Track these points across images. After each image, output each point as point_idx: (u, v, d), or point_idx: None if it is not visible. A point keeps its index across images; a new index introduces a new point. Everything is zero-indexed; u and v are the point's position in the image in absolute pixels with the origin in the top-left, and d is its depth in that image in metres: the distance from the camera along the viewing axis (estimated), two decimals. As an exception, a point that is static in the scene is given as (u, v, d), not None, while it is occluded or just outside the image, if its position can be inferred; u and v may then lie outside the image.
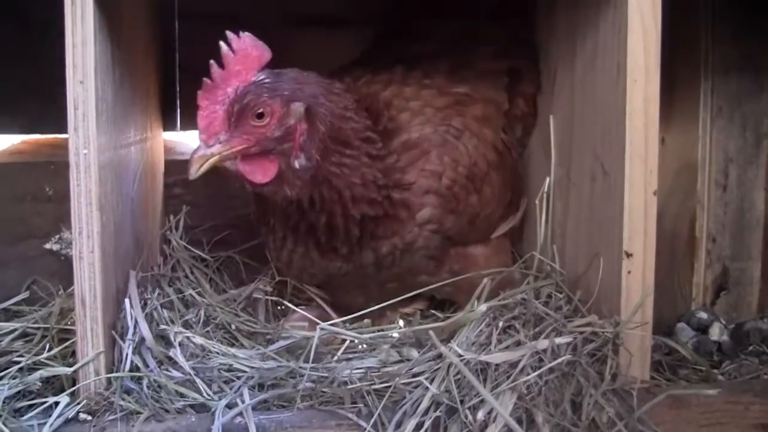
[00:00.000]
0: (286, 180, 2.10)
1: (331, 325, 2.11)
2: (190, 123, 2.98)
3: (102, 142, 1.93)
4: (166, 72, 2.91)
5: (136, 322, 2.04)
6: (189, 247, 2.62)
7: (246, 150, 2.04)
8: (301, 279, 2.45)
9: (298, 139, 2.07)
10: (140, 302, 2.13)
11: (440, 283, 2.38)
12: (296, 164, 2.08)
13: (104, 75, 1.94)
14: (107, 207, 1.98)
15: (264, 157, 2.07)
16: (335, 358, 2.16)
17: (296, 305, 2.46)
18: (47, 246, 2.74)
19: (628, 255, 1.97)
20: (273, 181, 2.09)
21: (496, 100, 2.52)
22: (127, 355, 1.99)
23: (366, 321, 2.35)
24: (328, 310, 2.47)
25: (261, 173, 2.08)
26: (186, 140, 3.09)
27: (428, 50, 2.56)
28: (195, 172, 2.01)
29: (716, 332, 2.54)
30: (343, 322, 2.22)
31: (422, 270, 2.39)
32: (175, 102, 2.99)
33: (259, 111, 2.03)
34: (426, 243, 2.30)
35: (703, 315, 2.60)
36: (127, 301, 2.08)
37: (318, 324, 2.03)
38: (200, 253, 2.62)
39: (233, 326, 2.32)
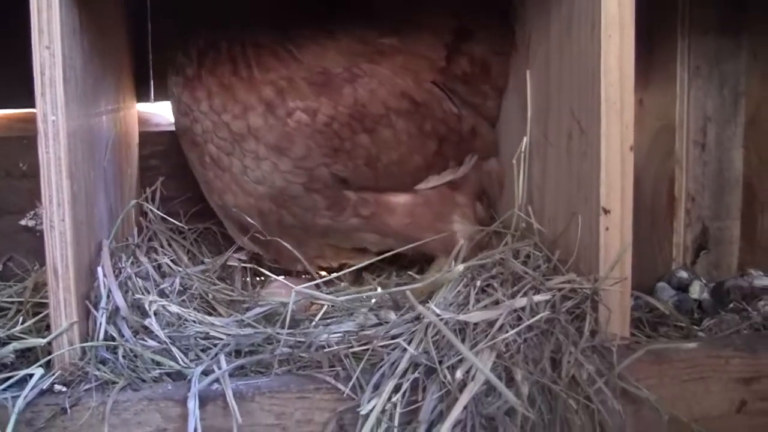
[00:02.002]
0: None
1: (306, 288, 2.10)
2: (163, 94, 2.96)
3: (72, 110, 1.90)
4: (138, 42, 2.88)
5: (110, 290, 2.02)
6: (166, 217, 2.60)
7: None
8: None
9: None
10: (114, 272, 2.10)
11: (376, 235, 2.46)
12: None
13: (71, 40, 1.91)
14: (78, 175, 1.95)
15: None
16: (313, 323, 2.15)
17: (276, 275, 2.45)
18: (22, 222, 2.72)
19: (606, 211, 1.95)
20: None
21: (426, 55, 2.54)
22: (100, 324, 1.96)
23: (343, 285, 2.35)
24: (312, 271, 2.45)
25: None
26: (160, 112, 3.06)
27: (380, 5, 2.62)
28: None
29: (696, 290, 2.53)
30: (318, 286, 2.22)
31: (309, 205, 2.42)
32: (149, 72, 2.96)
33: None
34: (265, 154, 2.36)
35: (684, 274, 2.60)
36: (99, 269, 2.05)
37: (294, 288, 2.01)
38: (177, 223, 2.60)
39: (210, 295, 2.31)
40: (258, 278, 2.63)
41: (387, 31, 2.53)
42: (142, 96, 2.95)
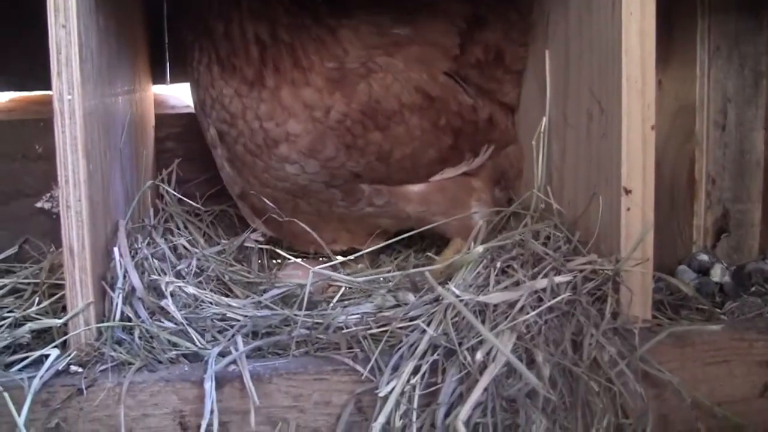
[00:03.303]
0: None
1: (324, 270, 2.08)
2: (179, 75, 2.95)
3: (87, 89, 1.89)
4: (154, 23, 2.88)
5: (126, 271, 2.01)
6: (183, 198, 2.59)
7: None
8: (204, 104, 2.42)
9: None
10: (130, 253, 2.09)
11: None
12: None
13: (87, 20, 1.90)
14: (94, 156, 1.94)
15: None
16: (330, 305, 2.14)
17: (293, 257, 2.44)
18: (38, 205, 2.71)
19: (627, 191, 1.93)
20: None
21: (440, 43, 2.52)
22: (117, 304, 1.95)
23: (360, 266, 2.34)
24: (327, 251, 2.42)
25: None
26: (176, 94, 3.05)
27: None
28: None
29: (718, 274, 2.50)
30: (336, 267, 2.21)
31: (325, 197, 2.43)
32: (164, 54, 2.95)
33: None
34: (295, 158, 2.33)
35: (704, 257, 2.57)
36: (116, 249, 2.04)
37: (311, 269, 2.00)
38: (193, 204, 2.58)
39: (226, 277, 2.30)
40: (275, 260, 2.61)
41: (402, 17, 2.50)
42: (158, 78, 2.95)
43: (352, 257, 2.26)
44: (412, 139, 2.40)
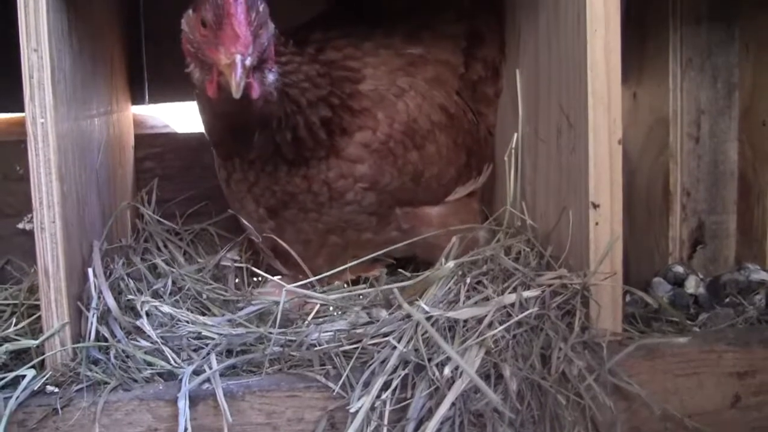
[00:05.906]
0: (265, 94, 2.10)
1: (298, 288, 2.10)
2: (158, 96, 2.97)
3: (61, 112, 1.91)
4: (131, 42, 2.89)
5: (100, 291, 2.02)
6: (162, 220, 2.60)
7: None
8: (259, 203, 2.41)
9: (271, 50, 2.09)
10: (106, 273, 2.10)
11: (391, 247, 2.41)
12: (270, 77, 2.09)
13: (60, 43, 1.92)
14: (68, 177, 1.96)
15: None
16: (305, 322, 2.15)
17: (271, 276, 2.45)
18: (20, 225, 2.72)
19: (595, 206, 1.95)
20: (260, 95, 2.07)
21: (450, 62, 2.55)
22: (92, 324, 1.97)
23: (336, 284, 2.35)
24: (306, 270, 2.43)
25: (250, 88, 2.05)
26: (156, 114, 3.07)
27: (392, 11, 2.60)
28: (241, 84, 1.91)
29: (692, 285, 2.50)
30: (311, 285, 2.22)
31: (364, 226, 2.43)
32: (143, 75, 2.96)
33: (264, 20, 2.01)
34: (357, 198, 2.34)
35: (679, 269, 2.57)
36: (90, 270, 2.05)
37: (285, 287, 2.01)
38: (172, 225, 2.60)
39: (204, 295, 2.31)
40: (255, 279, 2.62)
41: (410, 36, 2.52)
42: (136, 99, 2.96)
43: (327, 274, 2.28)
44: (440, 157, 2.43)
